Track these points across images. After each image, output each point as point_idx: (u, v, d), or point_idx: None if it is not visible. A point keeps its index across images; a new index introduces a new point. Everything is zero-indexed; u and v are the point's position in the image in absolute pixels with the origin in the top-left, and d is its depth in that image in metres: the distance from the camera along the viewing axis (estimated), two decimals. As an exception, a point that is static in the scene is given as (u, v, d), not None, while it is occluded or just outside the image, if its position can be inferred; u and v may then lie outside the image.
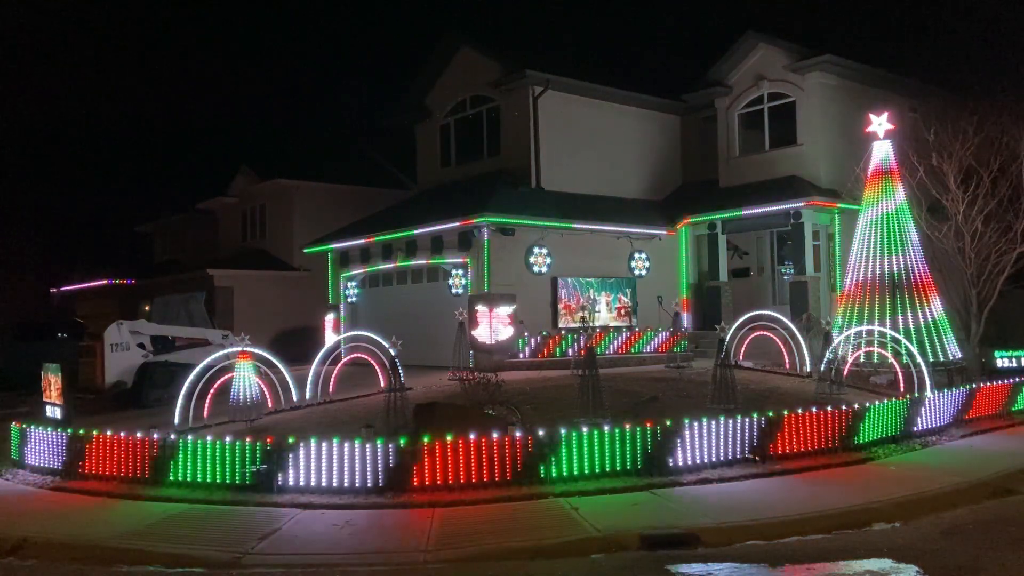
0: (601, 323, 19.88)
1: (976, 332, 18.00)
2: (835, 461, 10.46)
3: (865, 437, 11.23)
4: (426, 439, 9.35)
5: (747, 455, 10.29)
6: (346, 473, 9.33)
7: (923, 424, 12.23)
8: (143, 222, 38.88)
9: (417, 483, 9.24)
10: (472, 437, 9.39)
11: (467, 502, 8.86)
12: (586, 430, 9.74)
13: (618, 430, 9.76)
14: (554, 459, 9.50)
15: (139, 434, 10.16)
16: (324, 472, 9.34)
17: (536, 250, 19.45)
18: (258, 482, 9.46)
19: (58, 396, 12.77)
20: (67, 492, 9.93)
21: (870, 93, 20.31)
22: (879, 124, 16.76)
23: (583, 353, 13.02)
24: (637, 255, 21.19)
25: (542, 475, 9.43)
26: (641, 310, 20.86)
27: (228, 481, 9.61)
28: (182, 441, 9.92)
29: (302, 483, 9.36)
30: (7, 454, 11.63)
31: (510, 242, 19.00)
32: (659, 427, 9.89)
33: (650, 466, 9.75)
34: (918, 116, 18.69)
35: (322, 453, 9.35)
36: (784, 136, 21.08)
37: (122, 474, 10.11)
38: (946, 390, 13.08)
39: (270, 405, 13.39)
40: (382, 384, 13.42)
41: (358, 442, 9.35)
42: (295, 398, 13.92)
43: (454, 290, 19.57)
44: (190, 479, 9.78)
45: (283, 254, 28.62)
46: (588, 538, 7.64)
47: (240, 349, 12.62)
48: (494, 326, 18.41)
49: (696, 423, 10.07)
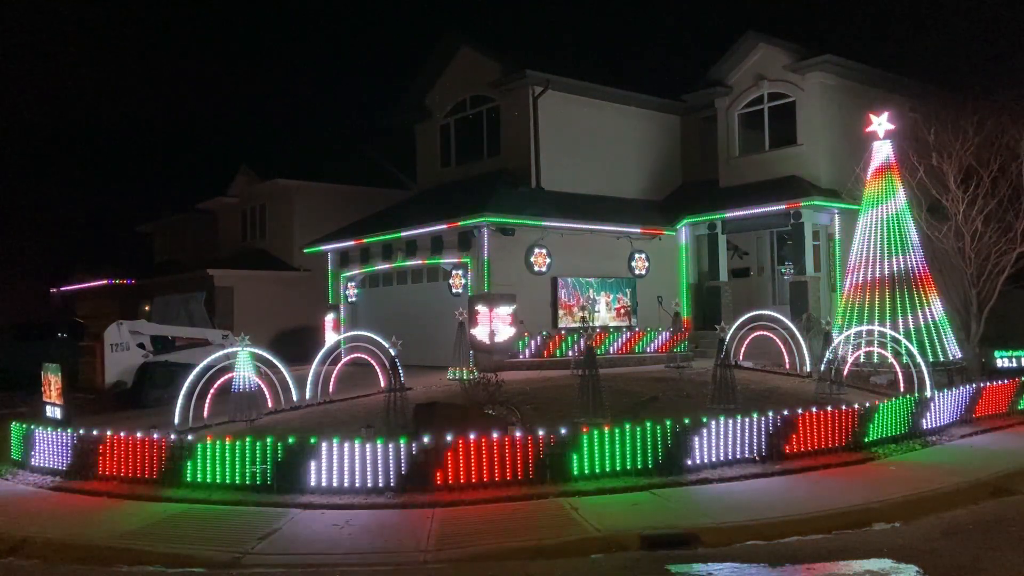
0: (601, 323, 19.89)
1: (976, 332, 18.01)
2: (839, 460, 10.42)
3: (873, 436, 11.23)
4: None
5: (749, 455, 10.28)
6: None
7: (930, 423, 12.25)
8: (143, 222, 38.92)
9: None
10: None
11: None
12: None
13: (618, 430, 9.74)
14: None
15: (139, 434, 10.15)
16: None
17: (536, 250, 19.45)
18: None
19: (58, 396, 12.75)
20: (69, 492, 9.90)
21: (870, 93, 20.32)
22: (879, 124, 16.77)
23: (583, 353, 13.02)
24: (637, 255, 21.19)
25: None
26: (641, 310, 20.86)
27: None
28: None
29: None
30: (7, 454, 11.63)
31: (510, 242, 19.00)
32: (663, 427, 9.88)
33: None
34: (918, 116, 18.69)
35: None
36: (784, 136, 21.09)
37: (123, 474, 10.08)
38: (953, 388, 13.10)
39: (270, 405, 13.39)
40: (382, 384, 13.41)
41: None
42: (295, 398, 13.91)
43: (454, 290, 19.57)
44: (200, 480, 9.66)
45: (283, 254, 28.61)
46: (588, 538, 7.65)
47: (240, 349, 12.61)
48: (494, 326, 18.41)
49: (699, 424, 10.06)
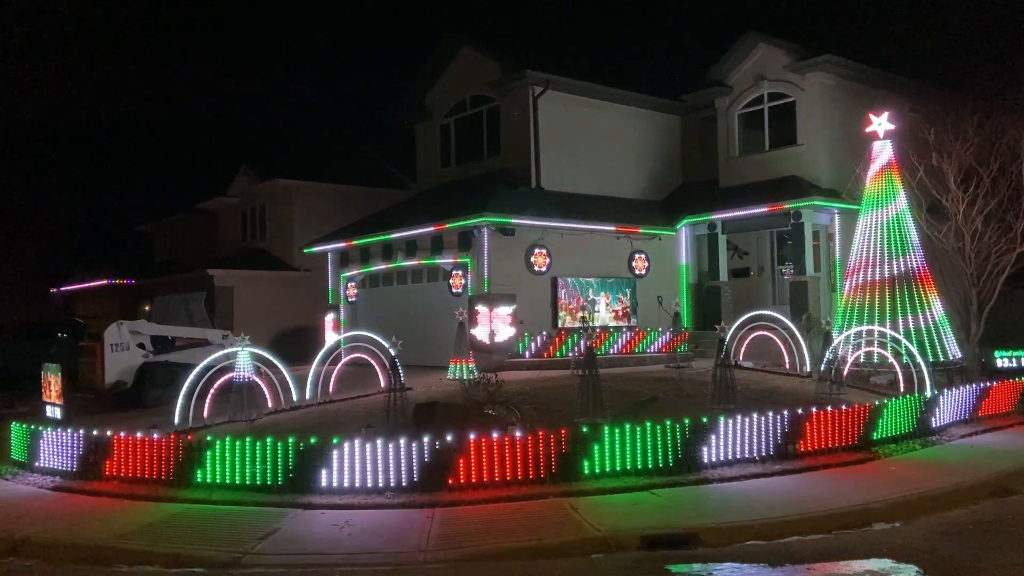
0: (601, 323, 19.89)
1: (976, 332, 17.99)
2: (846, 460, 10.41)
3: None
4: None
5: (755, 455, 10.29)
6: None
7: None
8: (143, 222, 38.87)
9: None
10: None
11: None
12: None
13: (618, 429, 9.75)
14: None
15: (139, 434, 10.15)
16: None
17: (536, 250, 19.45)
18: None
19: (58, 396, 12.76)
20: (69, 492, 9.90)
21: (870, 93, 20.32)
22: (879, 124, 16.76)
23: (583, 353, 13.02)
24: (637, 255, 21.19)
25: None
26: (641, 310, 20.86)
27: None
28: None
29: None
30: (8, 454, 11.62)
31: (510, 242, 19.00)
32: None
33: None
34: (918, 116, 18.68)
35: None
36: (784, 136, 21.09)
37: (125, 474, 10.08)
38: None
39: (270, 405, 13.39)
40: (382, 384, 13.41)
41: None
42: (295, 398, 13.91)
43: (454, 290, 19.56)
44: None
45: (283, 254, 28.60)
46: (588, 538, 7.65)
47: (240, 349, 12.60)
48: (494, 326, 18.41)
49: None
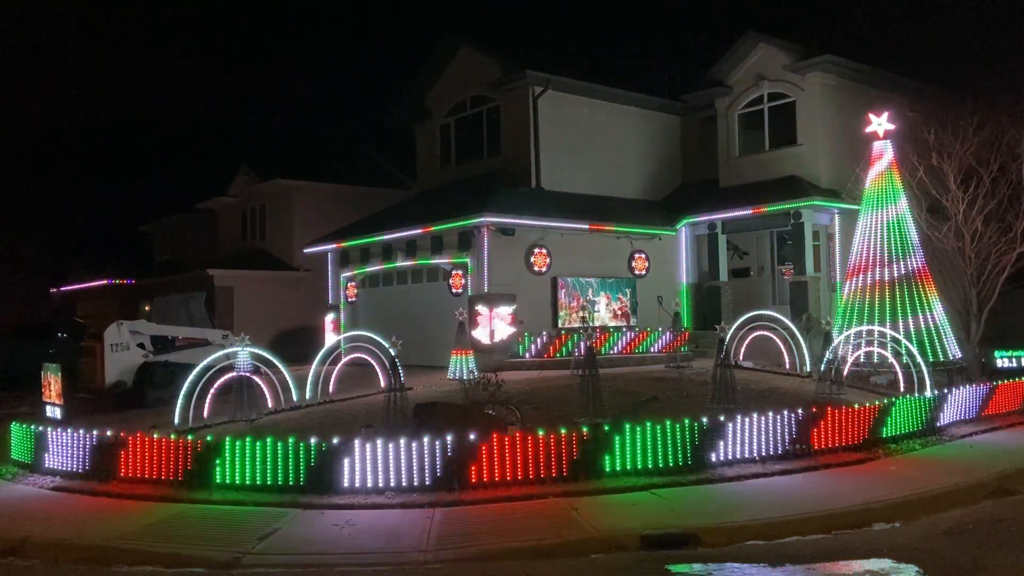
0: (601, 323, 19.89)
1: (976, 332, 17.99)
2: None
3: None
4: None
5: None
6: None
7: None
8: (143, 222, 38.92)
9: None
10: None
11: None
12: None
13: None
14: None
15: (138, 434, 10.15)
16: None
17: (536, 250, 19.45)
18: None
19: (58, 396, 12.76)
20: (70, 493, 9.89)
21: (870, 93, 20.31)
22: (879, 124, 16.75)
23: (583, 353, 13.02)
24: (637, 255, 21.19)
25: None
26: (641, 310, 20.86)
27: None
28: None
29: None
30: (8, 455, 11.62)
31: (510, 242, 19.00)
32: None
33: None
34: (918, 116, 18.67)
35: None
36: (784, 136, 21.09)
37: (124, 473, 10.07)
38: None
39: (270, 405, 13.38)
40: (382, 384, 13.40)
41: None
42: (295, 398, 13.90)
43: (454, 290, 19.56)
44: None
45: (283, 254, 28.60)
46: (588, 538, 7.64)
47: (240, 349, 12.60)
48: (494, 326, 18.41)
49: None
